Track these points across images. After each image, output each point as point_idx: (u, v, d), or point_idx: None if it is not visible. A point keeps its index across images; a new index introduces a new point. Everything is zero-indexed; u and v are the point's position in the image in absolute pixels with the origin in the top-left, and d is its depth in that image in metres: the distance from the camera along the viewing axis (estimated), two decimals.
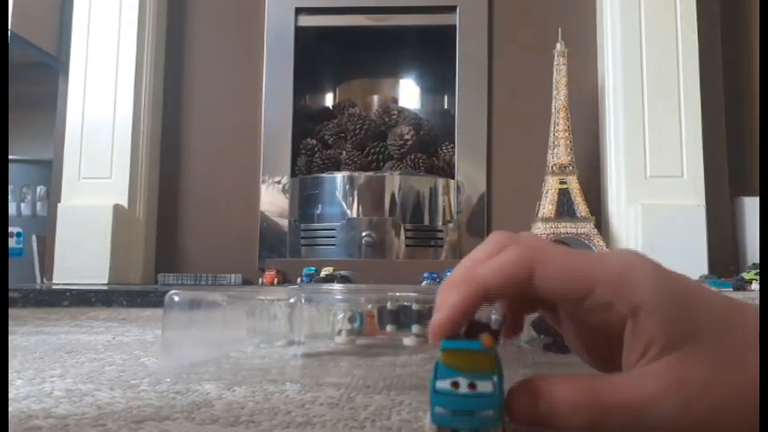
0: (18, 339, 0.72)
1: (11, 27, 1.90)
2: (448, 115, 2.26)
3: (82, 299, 1.39)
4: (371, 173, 2.02)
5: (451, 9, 2.09)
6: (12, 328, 0.83)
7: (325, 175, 2.03)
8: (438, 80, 2.42)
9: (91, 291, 1.44)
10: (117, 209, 1.92)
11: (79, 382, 0.45)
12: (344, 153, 2.08)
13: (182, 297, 0.46)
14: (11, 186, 2.15)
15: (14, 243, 2.12)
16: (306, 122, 2.22)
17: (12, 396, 0.40)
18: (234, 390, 0.42)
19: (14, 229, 2.12)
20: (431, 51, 2.35)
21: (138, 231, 1.99)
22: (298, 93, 2.14)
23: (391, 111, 2.17)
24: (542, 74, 1.96)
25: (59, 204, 1.95)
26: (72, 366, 0.52)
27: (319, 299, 0.56)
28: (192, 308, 0.47)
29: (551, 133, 1.91)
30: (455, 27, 2.08)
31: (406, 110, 2.21)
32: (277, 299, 0.51)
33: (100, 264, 1.87)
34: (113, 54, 1.99)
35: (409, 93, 2.47)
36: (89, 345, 0.67)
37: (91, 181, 1.95)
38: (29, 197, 2.19)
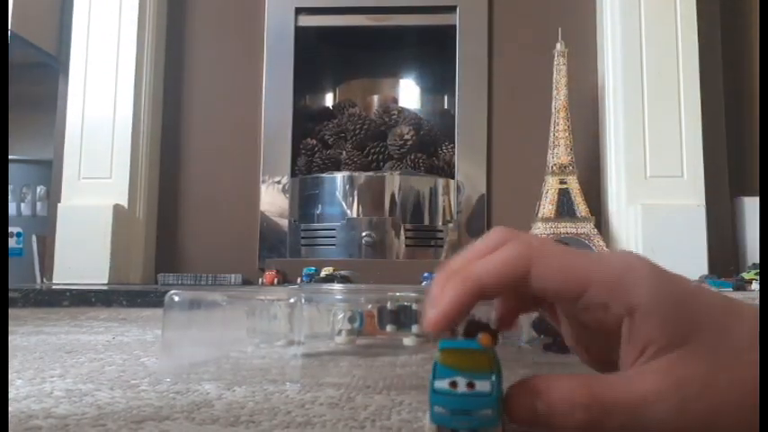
0: (18, 339, 0.72)
1: (11, 27, 1.90)
2: (448, 115, 2.26)
3: (82, 299, 1.39)
4: (371, 173, 2.02)
5: (451, 9, 2.09)
6: (12, 328, 0.83)
7: (325, 175, 2.03)
8: (438, 80, 2.42)
9: (91, 291, 1.44)
10: (117, 209, 1.92)
11: (79, 382, 0.45)
12: (344, 153, 2.08)
13: (182, 297, 0.46)
14: (11, 186, 2.15)
15: (14, 243, 2.12)
16: (306, 122, 2.22)
17: (12, 396, 0.40)
18: (234, 390, 0.42)
19: (14, 229, 2.12)
20: (431, 51, 2.35)
21: (138, 231, 1.99)
22: (298, 93, 2.14)
23: (391, 111, 2.17)
24: (542, 74, 1.96)
25: (59, 204, 1.95)
26: (72, 366, 0.52)
27: (319, 299, 0.56)
28: (192, 308, 0.47)
29: (551, 133, 1.91)
30: (455, 27, 2.08)
31: (406, 110, 2.21)
32: (277, 299, 0.51)
33: (100, 264, 1.87)
34: (113, 54, 1.99)
35: (409, 93, 2.47)
36: (89, 345, 0.67)
37: (91, 181, 1.96)
38: (29, 197, 2.19)
